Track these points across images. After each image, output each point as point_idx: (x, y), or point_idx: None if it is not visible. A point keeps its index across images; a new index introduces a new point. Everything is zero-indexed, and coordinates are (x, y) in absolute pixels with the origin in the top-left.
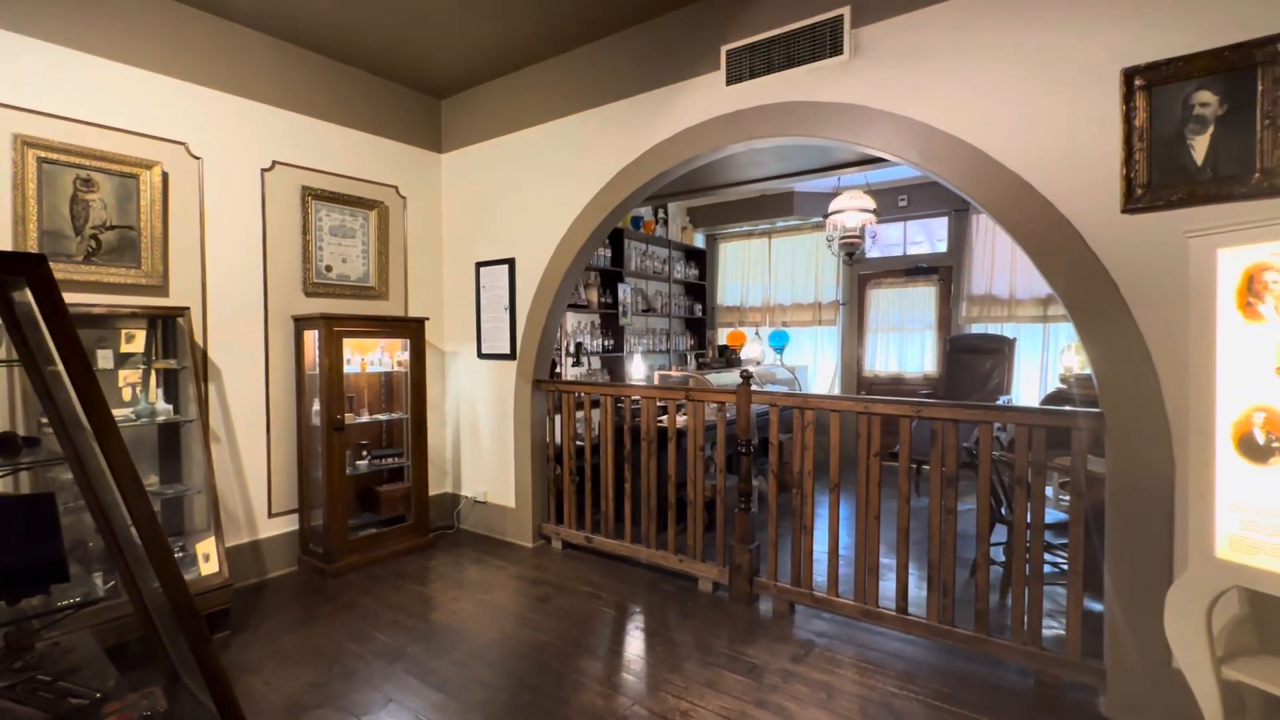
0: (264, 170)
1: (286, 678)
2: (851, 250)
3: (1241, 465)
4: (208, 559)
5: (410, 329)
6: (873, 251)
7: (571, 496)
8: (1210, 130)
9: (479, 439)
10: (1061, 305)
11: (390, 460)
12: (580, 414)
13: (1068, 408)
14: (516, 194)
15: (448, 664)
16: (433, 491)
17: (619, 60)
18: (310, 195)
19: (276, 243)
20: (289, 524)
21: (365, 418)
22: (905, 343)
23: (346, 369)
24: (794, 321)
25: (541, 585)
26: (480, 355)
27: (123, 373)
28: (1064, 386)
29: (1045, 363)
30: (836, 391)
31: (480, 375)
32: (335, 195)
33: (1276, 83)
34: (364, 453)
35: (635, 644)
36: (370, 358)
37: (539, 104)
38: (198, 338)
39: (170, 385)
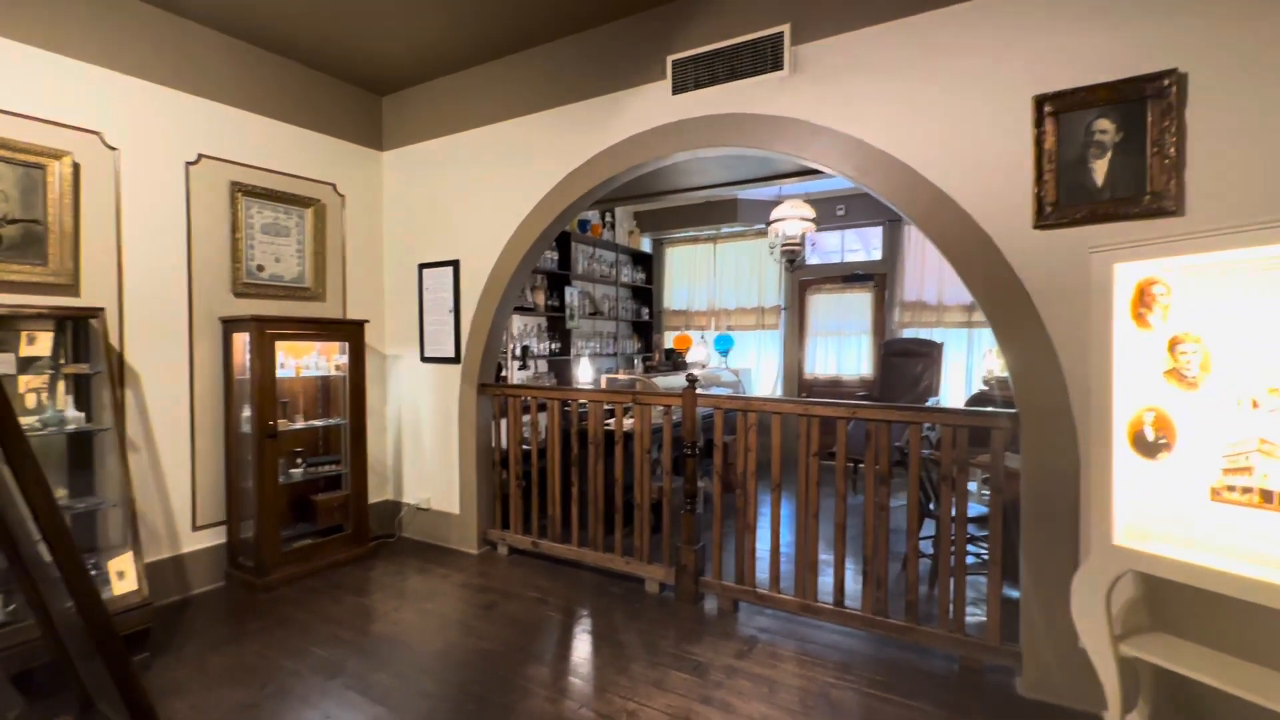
0: (189, 164)
1: (214, 700)
2: (792, 257)
3: (1135, 460)
4: (123, 576)
5: (348, 331)
6: (812, 258)
7: (518, 501)
8: (1109, 155)
9: (421, 444)
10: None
11: (327, 468)
12: (527, 418)
13: (988, 409)
14: (461, 195)
15: (389, 676)
16: (373, 499)
17: (567, 64)
18: (240, 191)
19: (202, 240)
20: (216, 537)
21: (300, 424)
22: (843, 346)
23: (280, 373)
24: (738, 325)
25: (487, 592)
26: (423, 359)
27: (24, 378)
28: (986, 388)
29: (970, 366)
30: (779, 393)
31: (423, 379)
32: (268, 192)
33: (1163, 115)
34: (298, 460)
35: (582, 647)
36: (305, 361)
37: (485, 105)
38: (113, 340)
39: (82, 391)
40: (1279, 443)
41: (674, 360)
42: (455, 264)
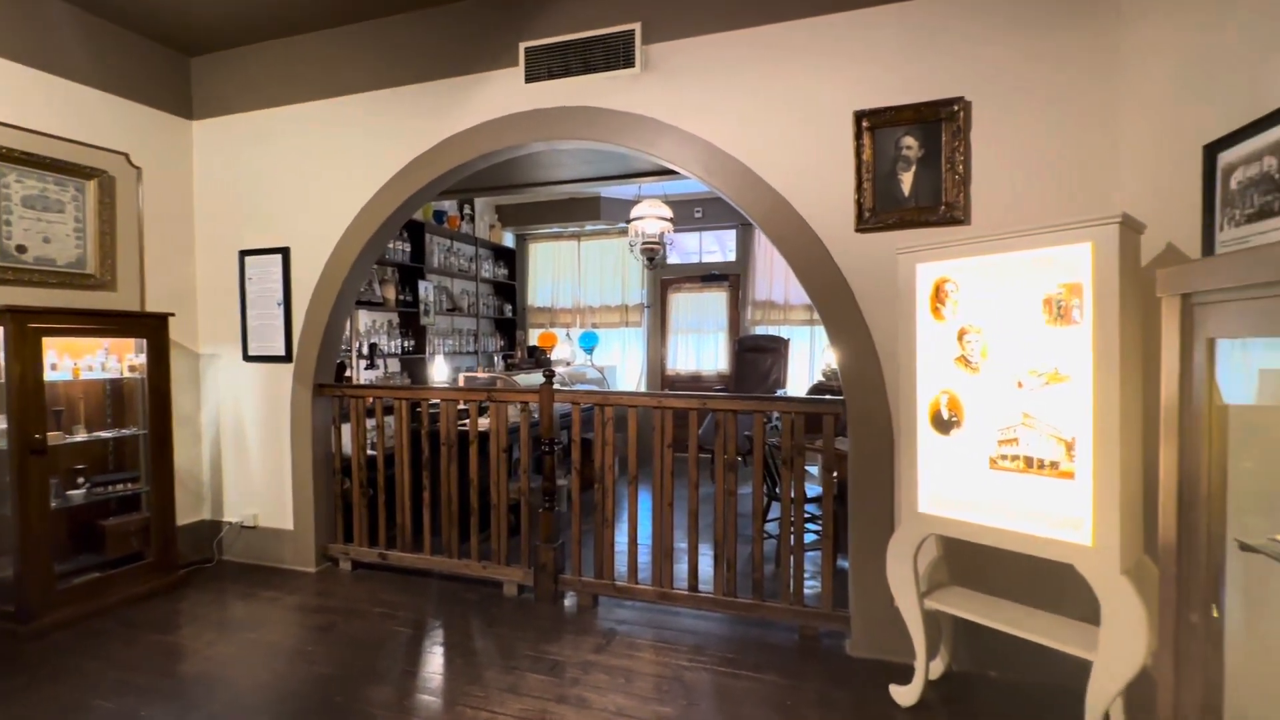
0: None
1: None
2: (652, 255)
3: (934, 437)
4: None
5: (147, 327)
6: (673, 258)
7: (363, 511)
8: (913, 169)
9: (246, 454)
10: None
11: (120, 487)
12: (372, 421)
13: (822, 397)
14: (291, 175)
15: None
16: (184, 520)
17: (414, 41)
18: None
19: None
20: None
21: (82, 436)
22: (702, 343)
23: (52, 376)
24: (603, 323)
25: (325, 613)
26: (247, 357)
27: None
28: (824, 379)
29: (812, 359)
30: (643, 389)
31: (247, 380)
32: (30, 157)
33: (953, 136)
34: (80, 480)
35: (433, 661)
36: (88, 362)
37: (321, 76)
38: None
39: None
40: (1037, 417)
41: (537, 358)
42: (285, 252)
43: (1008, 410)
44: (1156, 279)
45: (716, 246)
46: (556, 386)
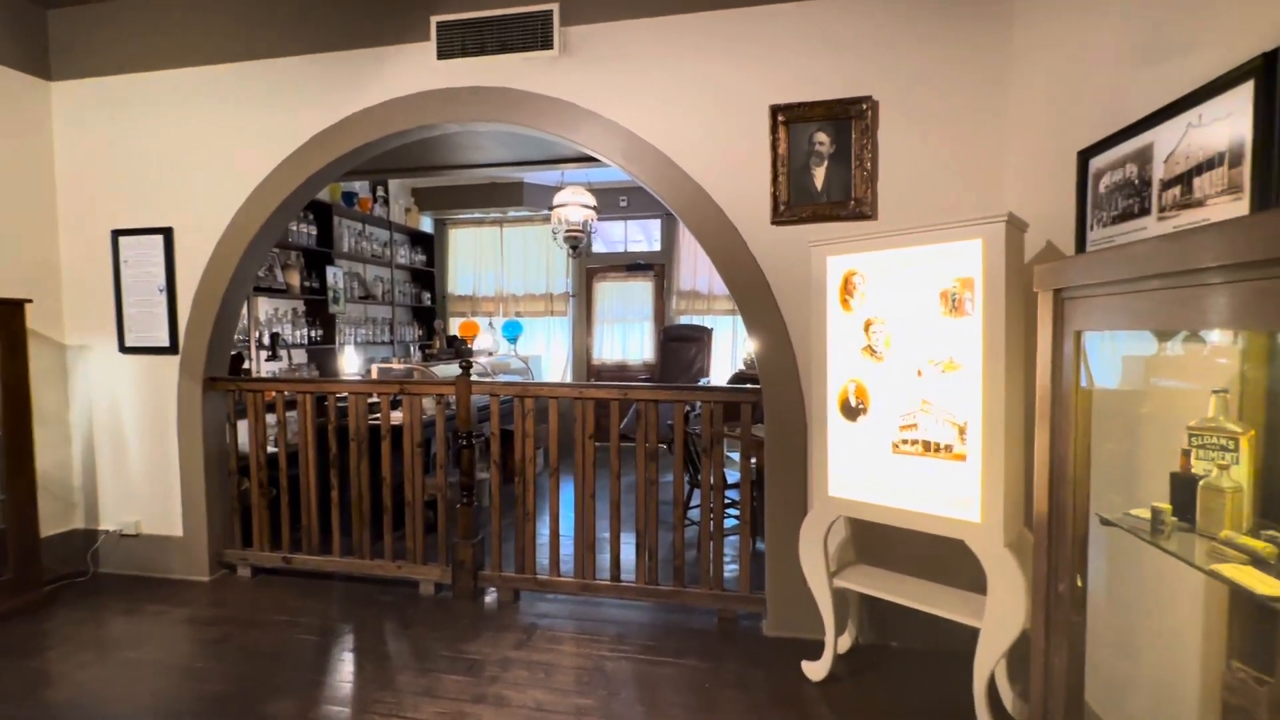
0: None
1: None
2: (575, 243)
3: (843, 424)
4: None
5: None
6: (599, 246)
7: (263, 513)
8: (825, 164)
9: (125, 455)
10: None
11: None
12: (273, 416)
13: (739, 386)
14: (174, 147)
15: None
16: (51, 530)
17: (314, 6)
18: None
19: None
20: None
21: None
22: (628, 332)
23: None
24: (527, 312)
25: (220, 624)
26: (124, 349)
27: None
28: (745, 368)
29: (735, 349)
30: (569, 379)
31: (125, 374)
32: None
33: (862, 134)
34: None
35: (342, 669)
36: None
37: (207, 39)
38: None
39: None
40: (934, 403)
41: (457, 348)
42: (167, 232)
43: (909, 397)
44: (1034, 275)
45: (642, 236)
46: (478, 377)
